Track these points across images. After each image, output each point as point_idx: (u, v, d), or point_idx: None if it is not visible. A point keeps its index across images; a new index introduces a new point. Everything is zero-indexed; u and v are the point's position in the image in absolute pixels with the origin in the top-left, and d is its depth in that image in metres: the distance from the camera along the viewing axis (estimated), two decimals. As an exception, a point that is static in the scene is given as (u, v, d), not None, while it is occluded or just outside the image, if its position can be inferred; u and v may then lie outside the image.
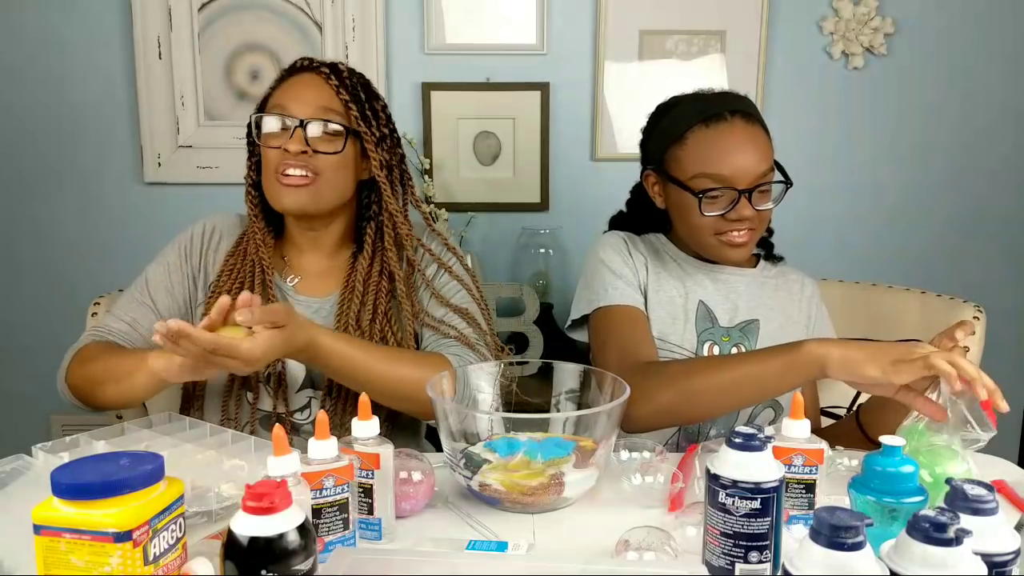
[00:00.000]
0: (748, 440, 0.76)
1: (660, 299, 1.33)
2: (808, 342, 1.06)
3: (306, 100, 1.22)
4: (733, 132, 1.24)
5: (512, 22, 2.10)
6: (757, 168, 1.23)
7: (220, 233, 1.32)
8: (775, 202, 1.28)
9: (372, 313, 1.26)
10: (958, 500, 0.70)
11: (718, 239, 1.27)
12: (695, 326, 1.31)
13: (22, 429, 2.20)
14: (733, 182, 1.22)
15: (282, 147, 1.20)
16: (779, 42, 2.12)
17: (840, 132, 2.18)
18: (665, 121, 1.31)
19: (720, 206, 1.24)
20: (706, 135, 1.24)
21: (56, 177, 2.14)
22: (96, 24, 2.07)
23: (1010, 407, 0.98)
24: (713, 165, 1.23)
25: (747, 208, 1.24)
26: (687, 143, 1.26)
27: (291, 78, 1.26)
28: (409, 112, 2.13)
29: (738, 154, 1.23)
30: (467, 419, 1.04)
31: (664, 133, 1.30)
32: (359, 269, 1.27)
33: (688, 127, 1.26)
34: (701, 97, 1.30)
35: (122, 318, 1.26)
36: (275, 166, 1.21)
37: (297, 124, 1.20)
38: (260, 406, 1.24)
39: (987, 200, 2.21)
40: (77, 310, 1.50)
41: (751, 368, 1.11)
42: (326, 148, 1.21)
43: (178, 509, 0.71)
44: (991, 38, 2.14)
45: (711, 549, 0.78)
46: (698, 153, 1.24)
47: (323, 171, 1.22)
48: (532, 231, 2.13)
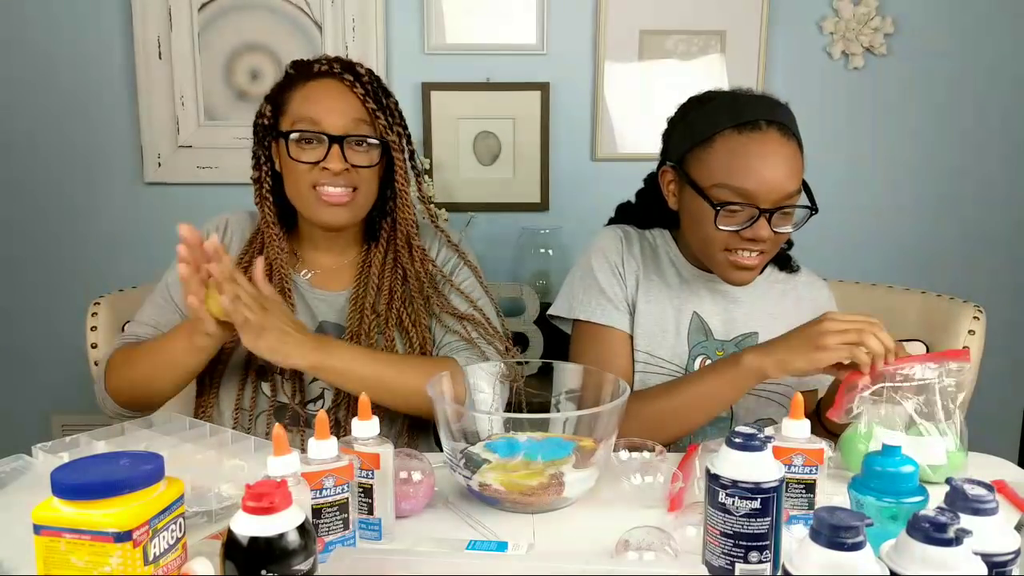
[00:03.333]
0: (748, 440, 0.76)
1: (651, 311, 1.29)
2: (745, 355, 1.12)
3: (337, 113, 1.20)
4: (765, 144, 1.14)
5: (512, 22, 2.10)
6: (784, 187, 1.14)
7: (232, 231, 1.33)
8: (796, 226, 1.19)
9: (388, 299, 1.27)
10: (958, 500, 0.70)
11: (726, 256, 1.19)
12: (687, 339, 1.28)
13: (22, 429, 2.20)
14: (756, 199, 1.13)
15: (321, 165, 1.19)
16: (779, 42, 2.12)
17: (840, 132, 2.18)
18: (694, 116, 1.21)
19: (737, 222, 1.15)
20: (736, 142, 1.14)
21: (56, 177, 2.14)
22: (96, 24, 2.07)
23: (1010, 407, 0.98)
24: (738, 177, 1.13)
25: (765, 228, 1.14)
26: (714, 146, 1.16)
27: (311, 83, 1.22)
28: (409, 112, 2.10)
29: (767, 169, 1.13)
30: (467, 419, 1.04)
31: (691, 130, 1.20)
32: (374, 262, 1.29)
33: (718, 129, 1.16)
34: (738, 98, 1.20)
35: (147, 323, 1.27)
36: (312, 182, 1.21)
37: (335, 141, 1.19)
38: (275, 397, 1.24)
39: (987, 200, 2.22)
40: (77, 310, 1.50)
41: (700, 389, 1.17)
42: (363, 162, 1.22)
43: (178, 509, 0.71)
44: (991, 38, 2.14)
45: (711, 549, 0.78)
46: (724, 160, 1.15)
47: (360, 184, 1.23)
48: (532, 231, 2.13)
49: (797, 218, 1.20)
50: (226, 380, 1.26)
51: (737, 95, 1.22)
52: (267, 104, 1.26)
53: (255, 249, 1.29)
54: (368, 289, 1.27)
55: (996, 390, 2.05)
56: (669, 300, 1.30)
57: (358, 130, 1.21)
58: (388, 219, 1.31)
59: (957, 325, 1.42)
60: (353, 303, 1.27)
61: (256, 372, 1.24)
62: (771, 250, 1.20)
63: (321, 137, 1.19)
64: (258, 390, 1.24)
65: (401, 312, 1.27)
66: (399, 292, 1.28)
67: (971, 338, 1.40)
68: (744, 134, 1.15)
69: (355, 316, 1.26)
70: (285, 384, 1.24)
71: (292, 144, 1.20)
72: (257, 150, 1.28)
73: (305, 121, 1.20)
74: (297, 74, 1.25)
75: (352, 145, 1.20)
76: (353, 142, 1.21)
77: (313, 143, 1.20)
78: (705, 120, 1.19)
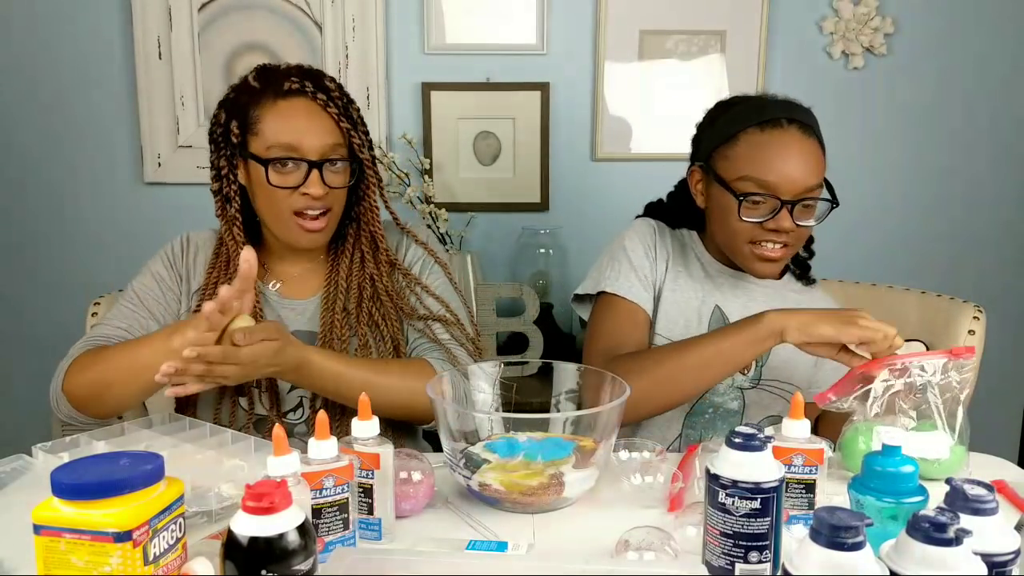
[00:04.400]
0: (748, 440, 0.76)
1: (675, 299, 1.33)
2: (768, 313, 1.14)
3: (314, 136, 1.19)
4: (786, 140, 1.22)
5: (512, 22, 2.10)
6: (805, 181, 1.21)
7: (196, 246, 1.32)
8: (818, 220, 1.26)
9: (358, 297, 1.27)
10: (958, 500, 0.70)
11: (751, 248, 1.25)
12: (708, 329, 1.31)
13: (22, 429, 2.19)
14: (777, 191, 1.20)
15: (300, 191, 1.19)
16: (779, 42, 2.12)
17: (840, 132, 2.17)
18: (721, 119, 1.29)
19: (760, 213, 1.22)
20: (759, 138, 1.22)
21: (56, 177, 2.14)
22: (96, 24, 2.07)
23: (1010, 407, 0.99)
24: (760, 170, 1.21)
25: (787, 220, 1.21)
26: (738, 143, 1.24)
27: (281, 103, 1.20)
28: (409, 112, 2.13)
29: (787, 163, 1.20)
30: (467, 419, 1.04)
31: (718, 131, 1.28)
32: (341, 265, 1.29)
33: (742, 127, 1.24)
34: (762, 100, 1.29)
35: (117, 325, 1.24)
36: (291, 208, 1.20)
37: (314, 166, 1.18)
38: (253, 410, 1.24)
39: (987, 200, 2.22)
40: (77, 310, 1.50)
41: (718, 345, 1.17)
42: (339, 183, 1.23)
43: (178, 509, 0.71)
44: (991, 38, 2.14)
45: (711, 549, 0.78)
46: (747, 155, 1.22)
47: (334, 205, 1.23)
48: (532, 231, 2.13)
49: (819, 212, 1.26)
50: (203, 396, 1.24)
51: (762, 97, 1.30)
52: (230, 117, 1.22)
53: (222, 263, 1.28)
54: (338, 292, 1.27)
55: (996, 390, 2.05)
56: (694, 291, 1.34)
57: (335, 153, 1.21)
58: (353, 224, 1.31)
59: (957, 325, 1.42)
60: (324, 305, 1.27)
61: (233, 388, 1.23)
62: (794, 243, 1.26)
63: (300, 163, 1.19)
64: (236, 404, 1.24)
65: (372, 309, 1.27)
66: (368, 291, 1.29)
67: (971, 338, 1.41)
68: (766, 131, 1.22)
69: (327, 318, 1.26)
70: (263, 397, 1.24)
71: (271, 171, 1.19)
72: (218, 162, 1.25)
73: (281, 147, 1.18)
74: (264, 88, 1.21)
75: (330, 169, 1.21)
76: (332, 165, 1.21)
77: (290, 167, 1.19)
78: (730, 120, 1.27)
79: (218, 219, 1.29)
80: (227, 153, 1.24)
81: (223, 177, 1.25)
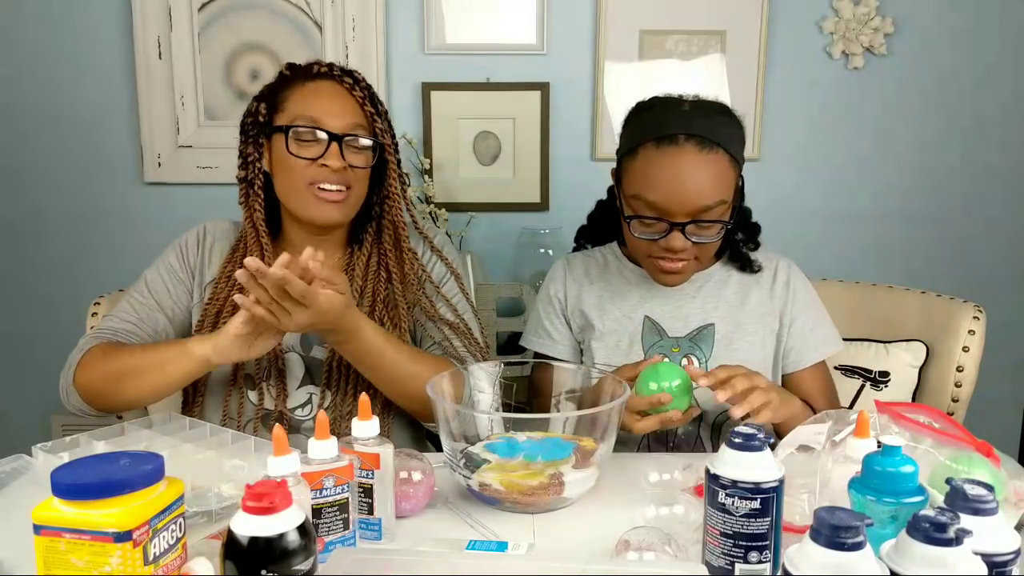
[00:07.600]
0: (748, 440, 0.76)
1: (607, 328, 1.31)
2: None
3: (337, 113, 1.21)
4: (679, 159, 1.15)
5: (512, 22, 2.10)
6: (697, 201, 1.15)
7: (213, 237, 1.33)
8: (717, 236, 1.20)
9: (371, 302, 1.27)
10: (958, 500, 0.70)
11: (652, 261, 1.23)
12: (641, 343, 1.29)
13: (22, 429, 2.20)
14: (667, 213, 1.16)
15: (319, 162, 1.20)
16: (779, 42, 2.12)
17: (840, 132, 2.18)
18: (630, 126, 1.25)
19: (651, 232, 1.19)
20: (653, 156, 1.17)
21: (56, 177, 2.14)
22: (96, 24, 2.07)
23: (1010, 407, 0.98)
24: (650, 191, 1.16)
25: (678, 240, 1.17)
26: (637, 158, 1.19)
27: (310, 84, 1.24)
28: (409, 112, 2.13)
29: (677, 184, 1.15)
30: (467, 419, 1.04)
31: (623, 140, 1.25)
32: (357, 265, 1.29)
33: (640, 142, 1.19)
34: (665, 112, 1.21)
35: (126, 319, 1.25)
36: (309, 179, 1.21)
37: (335, 139, 1.20)
38: (261, 404, 1.24)
39: (987, 200, 2.21)
40: (77, 310, 1.50)
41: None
42: (360, 163, 1.24)
43: (178, 509, 0.72)
44: (991, 38, 2.14)
45: (711, 549, 0.78)
46: (642, 172, 1.18)
47: (354, 184, 1.24)
48: (532, 231, 2.13)
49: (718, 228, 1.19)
50: (212, 389, 1.26)
51: (670, 104, 1.23)
52: (260, 103, 1.26)
53: (239, 256, 1.28)
54: (352, 292, 1.27)
55: (996, 390, 2.05)
56: (621, 310, 1.32)
57: (356, 132, 1.23)
58: (373, 223, 1.32)
59: (957, 325, 1.42)
60: None
61: (243, 380, 1.24)
62: (702, 254, 1.23)
63: (321, 135, 1.20)
64: (244, 398, 1.25)
65: (383, 315, 1.27)
66: (382, 295, 1.29)
67: (971, 338, 1.41)
68: (661, 148, 1.17)
69: None
70: (271, 391, 1.24)
71: (291, 140, 1.21)
72: (245, 149, 1.28)
73: (305, 119, 1.21)
74: (294, 75, 1.26)
75: (349, 145, 1.22)
76: (351, 142, 1.22)
77: (311, 141, 1.21)
78: (633, 132, 1.23)
79: (240, 207, 1.29)
80: (254, 136, 1.26)
81: (249, 164, 1.27)
